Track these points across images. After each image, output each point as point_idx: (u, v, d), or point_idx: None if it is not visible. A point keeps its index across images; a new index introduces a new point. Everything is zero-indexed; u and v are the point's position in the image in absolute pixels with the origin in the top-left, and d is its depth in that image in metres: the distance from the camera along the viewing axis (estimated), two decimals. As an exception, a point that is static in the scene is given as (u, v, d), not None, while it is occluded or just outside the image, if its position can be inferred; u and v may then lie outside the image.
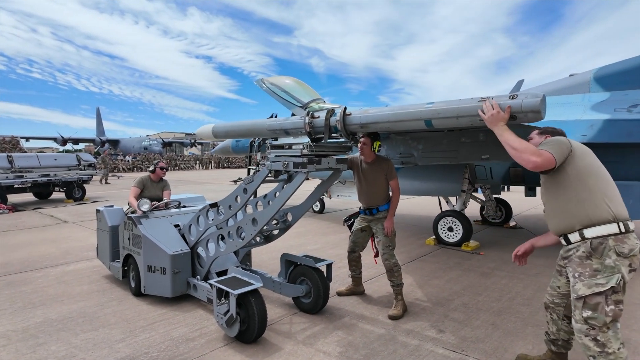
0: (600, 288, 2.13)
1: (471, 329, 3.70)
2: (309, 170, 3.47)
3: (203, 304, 4.30)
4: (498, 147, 5.57)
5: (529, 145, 2.25)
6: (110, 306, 4.36)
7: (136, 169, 37.95)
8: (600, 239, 2.18)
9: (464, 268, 5.66)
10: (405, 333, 3.65)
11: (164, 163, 5.96)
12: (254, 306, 3.39)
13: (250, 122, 4.36)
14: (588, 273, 2.19)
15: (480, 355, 3.24)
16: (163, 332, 3.70)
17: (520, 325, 3.77)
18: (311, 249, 6.68)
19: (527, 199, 8.36)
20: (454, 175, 6.95)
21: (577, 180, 2.30)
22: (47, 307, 4.37)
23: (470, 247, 6.66)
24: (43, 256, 6.56)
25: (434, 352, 3.30)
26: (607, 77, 6.14)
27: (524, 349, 3.32)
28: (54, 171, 13.69)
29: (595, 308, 2.13)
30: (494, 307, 4.23)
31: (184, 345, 3.46)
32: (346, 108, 3.34)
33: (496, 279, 5.17)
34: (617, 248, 2.13)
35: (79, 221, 10.03)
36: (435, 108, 2.69)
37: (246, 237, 3.82)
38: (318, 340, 3.52)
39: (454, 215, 6.93)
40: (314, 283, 4.06)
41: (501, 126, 2.30)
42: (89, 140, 55.25)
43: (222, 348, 3.40)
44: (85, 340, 3.56)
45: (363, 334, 3.64)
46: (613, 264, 2.13)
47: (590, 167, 2.33)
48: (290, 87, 9.28)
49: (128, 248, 4.67)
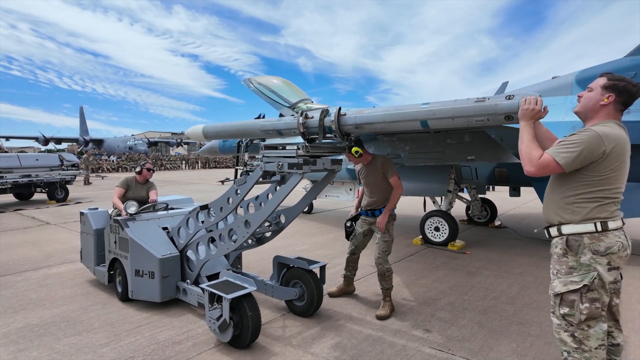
0: (574, 286, 2.13)
1: (457, 328, 3.75)
2: (305, 171, 3.42)
3: (189, 307, 4.25)
4: (483, 148, 5.67)
5: (530, 152, 2.15)
6: (94, 310, 4.28)
7: (121, 169, 37.32)
8: (575, 236, 2.17)
9: (450, 267, 5.72)
10: (392, 333, 3.67)
11: (150, 164, 5.78)
12: (248, 310, 3.34)
13: (242, 122, 4.29)
14: (564, 270, 2.20)
15: (466, 354, 3.28)
16: (149, 336, 3.65)
17: (505, 324, 3.83)
18: (299, 250, 6.67)
19: (511, 198, 8.50)
20: (440, 176, 7.04)
21: (586, 181, 2.15)
22: (28, 311, 4.26)
23: (457, 247, 6.74)
24: (24, 259, 6.40)
25: (421, 351, 3.33)
26: (588, 79, 6.28)
27: (509, 347, 3.38)
28: (35, 171, 13.37)
29: (572, 305, 2.14)
30: (480, 306, 4.29)
31: (170, 348, 3.42)
32: (340, 108, 3.31)
33: (482, 278, 5.25)
34: (592, 246, 2.13)
35: (61, 223, 9.81)
36: (431, 109, 2.68)
37: (238, 240, 3.77)
38: (306, 342, 3.51)
39: (441, 215, 7.00)
40: (307, 286, 4.01)
41: (527, 124, 2.23)
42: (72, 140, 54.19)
43: (209, 351, 3.37)
44: (68, 346, 3.49)
45: (351, 334, 3.65)
46: (588, 262, 2.13)
47: (609, 172, 2.11)
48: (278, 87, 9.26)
49: (114, 252, 4.55)
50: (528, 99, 2.22)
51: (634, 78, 5.88)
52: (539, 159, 2.13)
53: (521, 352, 3.29)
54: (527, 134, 2.21)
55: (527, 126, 2.22)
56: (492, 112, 2.41)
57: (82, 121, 56.90)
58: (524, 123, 2.23)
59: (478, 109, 2.46)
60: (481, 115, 2.46)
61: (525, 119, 2.23)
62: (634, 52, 6.10)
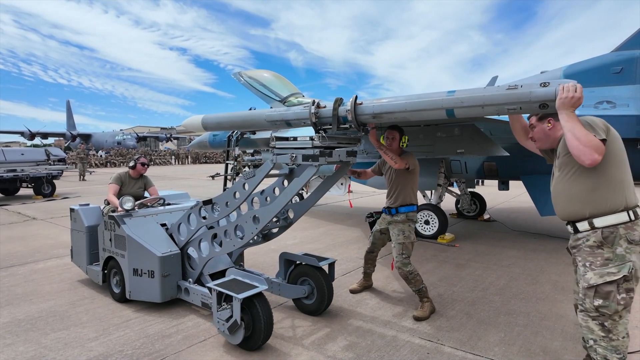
0: (612, 277, 2.12)
1: (446, 319, 3.79)
2: (321, 163, 3.22)
3: (179, 301, 4.18)
4: (472, 142, 5.72)
5: (593, 139, 2.06)
6: (82, 304, 4.23)
7: (109, 164, 36.84)
8: (611, 228, 2.16)
9: (439, 260, 5.78)
10: (382, 324, 3.70)
11: (145, 159, 5.47)
12: (260, 310, 3.19)
13: (246, 112, 4.09)
14: (599, 262, 2.17)
15: (455, 344, 3.32)
16: (138, 330, 3.62)
17: (493, 315, 3.88)
18: (290, 244, 6.67)
19: (500, 192, 8.59)
20: (430, 170, 7.08)
21: (600, 166, 2.14)
22: (14, 306, 4.20)
23: (446, 240, 6.81)
24: (10, 254, 6.30)
25: (411, 342, 3.36)
26: (576, 74, 6.36)
27: (497, 336, 3.43)
28: (21, 166, 13.13)
29: (607, 297, 2.12)
30: (468, 297, 4.35)
31: (159, 342, 3.40)
32: (357, 97, 3.19)
33: (470, 270, 5.31)
34: (628, 236, 2.13)
35: (48, 218, 9.66)
36: (459, 97, 2.57)
37: (246, 237, 3.60)
38: (299, 334, 3.53)
39: (431, 208, 7.06)
40: (317, 283, 3.87)
41: (571, 112, 2.12)
42: (59, 135, 53.24)
43: (199, 344, 3.36)
44: (55, 340, 3.45)
45: (342, 326, 3.67)
46: (624, 252, 2.12)
47: (615, 155, 2.19)
48: (269, 81, 9.20)
49: (109, 250, 4.35)
50: (566, 87, 2.12)
51: (621, 73, 5.98)
52: (602, 146, 2.08)
53: (509, 342, 3.34)
54: (579, 123, 2.10)
55: (572, 115, 2.12)
56: (527, 100, 2.29)
57: (69, 115, 55.90)
58: (567, 112, 2.12)
59: (511, 97, 2.34)
60: (514, 103, 2.35)
61: (564, 108, 2.12)
62: (620, 47, 6.19)
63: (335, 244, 6.82)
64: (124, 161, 39.62)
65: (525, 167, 6.68)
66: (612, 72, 6.03)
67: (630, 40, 6.07)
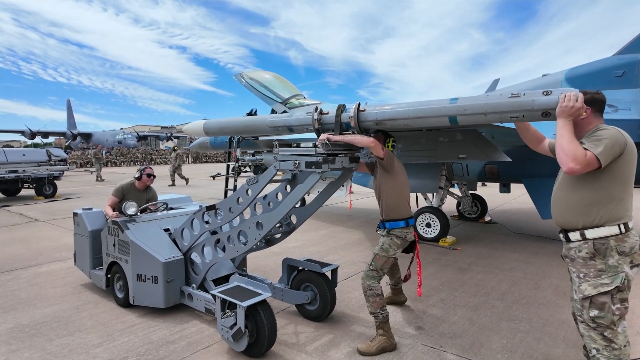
0: (605, 288, 2.16)
1: (449, 325, 3.81)
2: (324, 170, 3.20)
3: (183, 306, 4.20)
4: (474, 147, 5.72)
5: (576, 149, 2.11)
6: (87, 309, 4.25)
7: (110, 163, 36.85)
8: (602, 240, 2.20)
9: (441, 263, 5.80)
10: (385, 330, 3.71)
11: (151, 169, 5.16)
12: (264, 318, 3.20)
13: (248, 118, 4.12)
14: (593, 273, 2.21)
15: (457, 350, 3.34)
16: (142, 336, 3.64)
17: (495, 320, 3.90)
18: (292, 247, 6.69)
19: (501, 194, 8.62)
20: (431, 173, 7.09)
21: (603, 183, 2.20)
22: (18, 311, 4.22)
23: (448, 243, 6.82)
24: (13, 257, 6.32)
25: (414, 348, 3.38)
26: (578, 77, 6.37)
27: (499, 343, 3.44)
28: (22, 167, 13.16)
29: (602, 307, 2.17)
30: (470, 302, 4.36)
31: (164, 348, 3.42)
32: (360, 104, 3.23)
33: (472, 274, 5.33)
34: (618, 248, 2.17)
35: (50, 219, 9.68)
36: (462, 104, 2.60)
37: (249, 242, 3.61)
38: (302, 340, 3.54)
39: (432, 211, 7.08)
40: (320, 290, 3.87)
41: (567, 121, 2.18)
42: (59, 134, 53.27)
43: (203, 350, 3.38)
44: (60, 346, 3.47)
45: (345, 332, 3.69)
46: (616, 264, 2.17)
47: (622, 176, 2.21)
48: (270, 83, 9.21)
49: (113, 255, 4.36)
50: (568, 96, 2.18)
51: (622, 76, 5.99)
52: (585, 157, 2.11)
53: (511, 348, 3.36)
54: (569, 132, 2.16)
55: (567, 124, 2.18)
56: (529, 108, 2.33)
57: (70, 114, 55.87)
58: (564, 121, 2.19)
59: (513, 105, 2.38)
60: (516, 111, 2.39)
61: (563, 116, 2.19)
62: (622, 51, 6.19)
63: (337, 247, 6.84)
64: (125, 160, 39.63)
65: (527, 170, 6.69)
66: (613, 76, 6.04)
67: (632, 44, 6.08)
